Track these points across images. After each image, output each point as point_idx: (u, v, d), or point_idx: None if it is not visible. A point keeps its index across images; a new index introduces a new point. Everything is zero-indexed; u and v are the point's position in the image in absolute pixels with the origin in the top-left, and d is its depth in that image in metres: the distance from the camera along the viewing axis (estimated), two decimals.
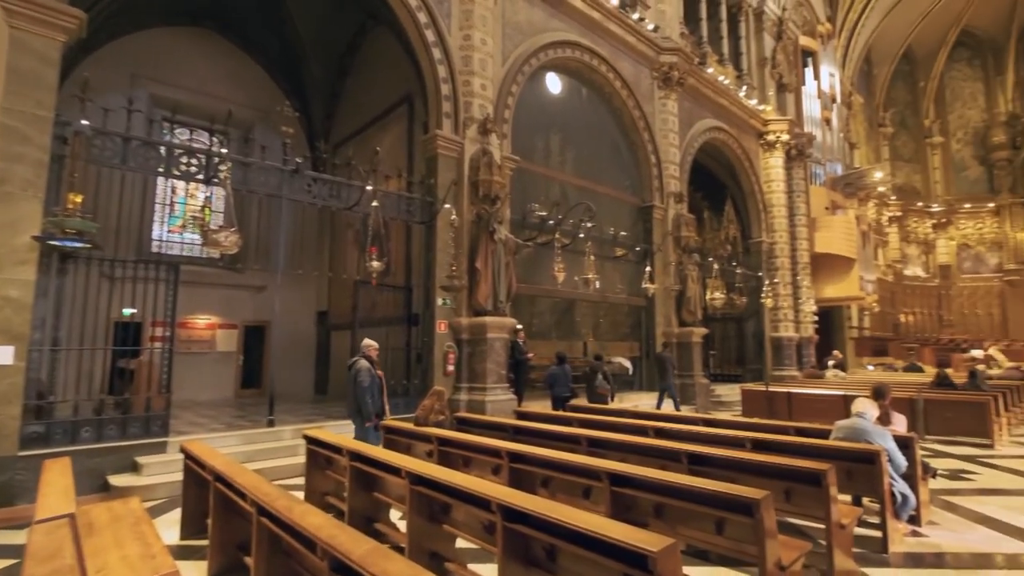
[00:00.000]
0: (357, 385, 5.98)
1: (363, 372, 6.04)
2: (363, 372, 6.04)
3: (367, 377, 6.05)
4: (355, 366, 6.15)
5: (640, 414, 7.83)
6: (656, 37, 13.77)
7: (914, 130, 29.46)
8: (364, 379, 6.02)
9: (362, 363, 6.12)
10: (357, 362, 6.17)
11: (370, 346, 6.34)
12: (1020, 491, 6.24)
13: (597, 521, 2.70)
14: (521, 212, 10.79)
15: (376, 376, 6.23)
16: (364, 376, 6.03)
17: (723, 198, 18.08)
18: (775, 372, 16.72)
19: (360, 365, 6.10)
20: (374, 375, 6.18)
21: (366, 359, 6.19)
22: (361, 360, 6.17)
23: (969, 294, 27.76)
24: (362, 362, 6.14)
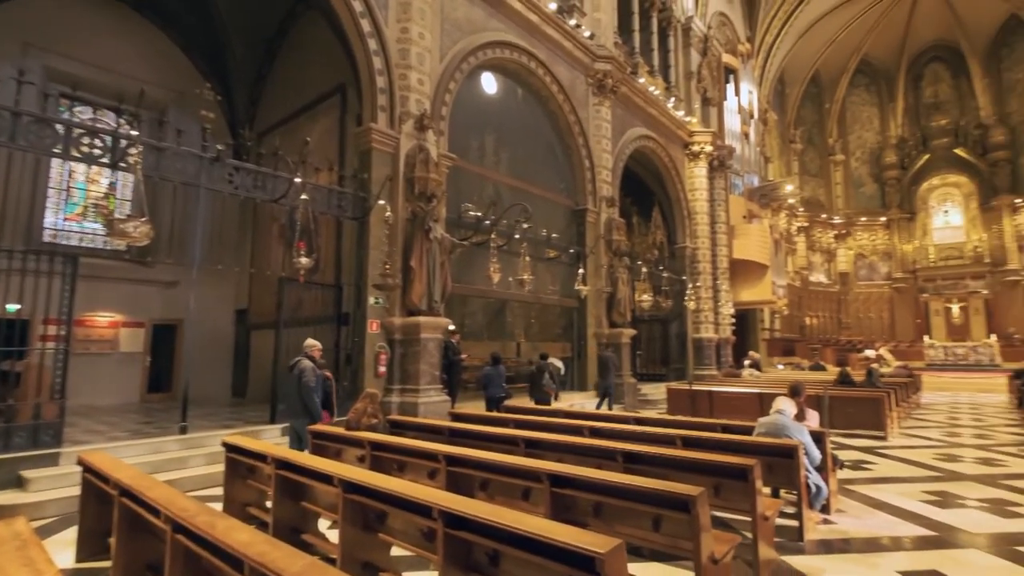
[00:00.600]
0: (303, 385, 5.85)
1: (308, 372, 5.93)
2: (308, 372, 5.93)
3: (313, 377, 5.94)
4: (299, 366, 6.00)
5: (575, 414, 7.94)
6: (592, 44, 14.07)
7: (820, 147, 32.00)
8: (311, 379, 5.91)
9: (306, 363, 6.00)
10: (300, 362, 6.03)
11: (313, 346, 6.21)
12: (911, 478, 6.87)
13: (541, 524, 2.67)
14: (456, 211, 10.67)
15: (321, 376, 6.13)
16: (310, 376, 5.92)
17: (651, 204, 18.78)
18: (697, 371, 17.55)
19: (304, 365, 5.98)
20: (319, 375, 6.06)
21: (309, 359, 6.06)
22: (304, 360, 6.03)
23: (864, 299, 30.50)
24: (306, 362, 6.01)
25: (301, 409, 5.93)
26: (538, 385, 9.73)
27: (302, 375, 5.91)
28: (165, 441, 6.90)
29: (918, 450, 8.64)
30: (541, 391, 9.71)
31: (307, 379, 5.90)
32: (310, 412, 5.89)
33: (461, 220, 10.72)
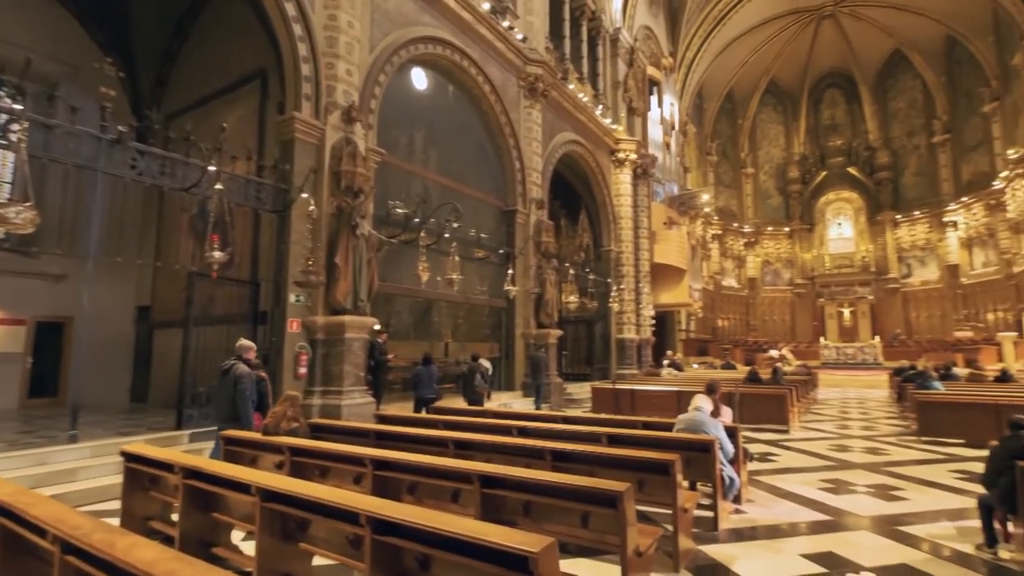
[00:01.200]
0: (239, 392, 5.61)
1: (245, 378, 5.69)
2: (245, 378, 5.69)
3: (250, 383, 5.72)
4: (233, 370, 5.73)
5: (504, 414, 7.95)
6: (524, 47, 14.21)
7: (733, 160, 34.17)
8: (247, 386, 5.68)
9: (242, 367, 5.75)
10: (236, 366, 5.75)
11: (248, 348, 5.98)
12: (809, 468, 7.45)
13: (473, 525, 2.63)
14: (384, 208, 10.40)
15: (260, 379, 5.93)
16: (247, 383, 5.69)
17: (579, 208, 19.25)
18: (619, 371, 18.17)
19: (241, 370, 5.72)
20: (255, 379, 5.84)
21: (244, 362, 5.82)
22: (240, 364, 5.78)
23: (769, 303, 32.89)
24: (242, 366, 5.76)
25: (232, 415, 5.67)
26: (471, 385, 9.75)
27: (239, 381, 5.65)
28: (51, 452, 6.20)
29: (815, 442, 9.39)
30: (474, 391, 9.73)
31: (244, 386, 5.65)
32: (240, 419, 5.61)
33: (389, 217, 10.46)
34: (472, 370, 9.85)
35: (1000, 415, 8.23)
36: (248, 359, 5.93)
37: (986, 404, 9.03)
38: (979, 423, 8.71)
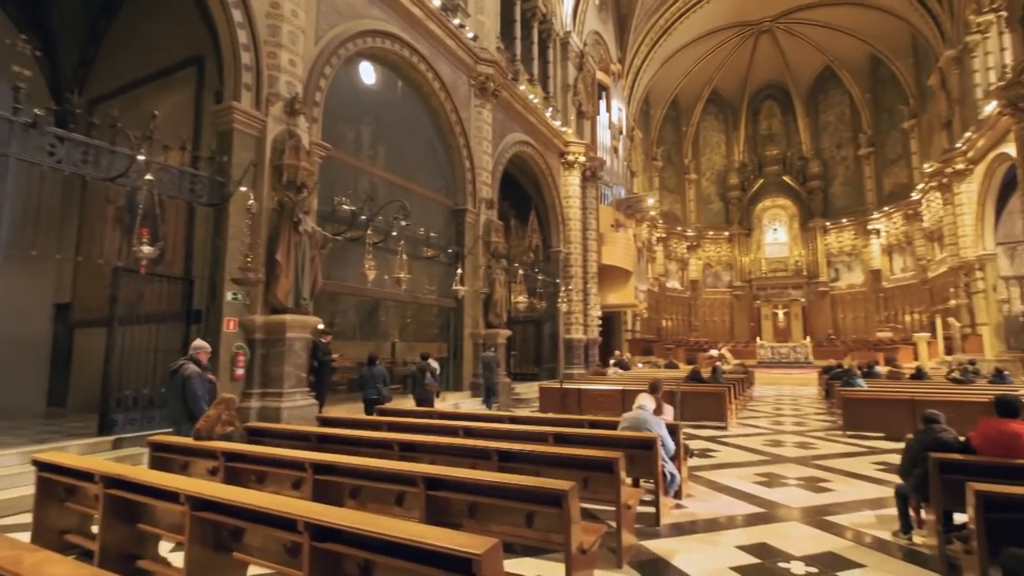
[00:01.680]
0: (189, 393, 5.52)
1: (195, 379, 5.59)
2: (195, 379, 5.59)
3: (200, 383, 5.61)
4: (182, 371, 5.64)
5: (451, 415, 7.88)
6: (475, 46, 14.16)
7: (677, 166, 35.32)
8: (197, 386, 5.56)
9: (191, 367, 5.66)
10: (185, 366, 5.66)
11: (201, 348, 5.91)
12: (746, 463, 7.77)
13: (416, 529, 2.58)
14: (329, 204, 10.11)
15: (208, 381, 5.84)
16: (196, 383, 5.58)
17: (528, 208, 19.36)
18: (567, 370, 18.40)
19: (191, 370, 5.63)
20: (206, 381, 5.75)
21: (195, 363, 5.72)
22: (190, 364, 5.68)
23: (710, 304, 34.19)
24: (191, 366, 5.66)
25: (183, 416, 5.56)
26: (421, 384, 9.66)
27: (187, 382, 5.53)
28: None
29: (751, 437, 9.81)
30: (424, 390, 9.63)
31: (193, 386, 5.52)
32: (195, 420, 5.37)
33: (334, 214, 10.18)
34: (422, 369, 9.75)
35: (915, 410, 8.86)
36: (199, 360, 5.81)
37: (903, 400, 9.69)
38: (897, 417, 9.35)
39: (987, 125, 18.28)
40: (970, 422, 5.26)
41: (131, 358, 7.42)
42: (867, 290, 30.44)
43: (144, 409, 7.33)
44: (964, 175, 20.82)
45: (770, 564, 4.20)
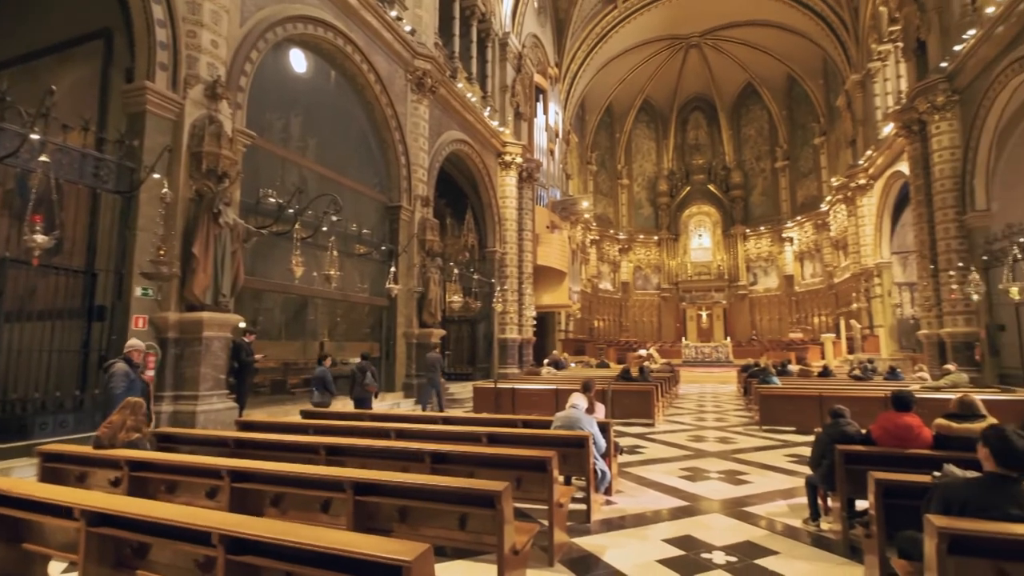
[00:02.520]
0: (109, 392, 5.35)
1: (118, 376, 5.38)
2: (118, 376, 5.38)
3: (122, 382, 5.38)
4: (110, 369, 5.48)
5: (381, 416, 7.67)
6: (413, 40, 13.89)
7: (611, 171, 36.32)
8: (118, 385, 5.34)
9: (120, 366, 5.47)
10: (114, 364, 5.50)
11: (134, 348, 5.76)
12: (671, 458, 8.07)
13: (342, 537, 2.46)
14: (254, 195, 9.58)
15: (140, 381, 5.72)
16: (119, 381, 5.36)
17: (464, 207, 19.24)
18: (501, 370, 18.44)
19: (115, 368, 5.44)
20: (134, 380, 5.56)
21: (126, 362, 5.56)
22: (119, 362, 5.50)
23: (640, 305, 35.40)
24: (120, 364, 5.48)
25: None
26: (361, 385, 9.44)
27: (110, 380, 5.38)
28: None
29: (677, 433, 10.22)
30: (363, 390, 9.42)
31: (114, 384, 5.34)
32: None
33: (259, 206, 9.65)
34: (362, 368, 9.56)
35: (823, 405, 9.54)
36: (131, 358, 5.66)
37: (812, 396, 10.42)
38: (807, 412, 10.04)
39: (885, 145, 20.03)
40: (870, 416, 5.70)
41: (22, 358, 6.69)
42: (781, 294, 32.58)
43: (36, 415, 6.61)
44: (865, 190, 22.73)
45: (694, 555, 4.36)
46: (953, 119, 14.82)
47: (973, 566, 2.46)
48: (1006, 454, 2.69)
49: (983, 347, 13.79)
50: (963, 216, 14.52)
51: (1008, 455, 2.68)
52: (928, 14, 15.43)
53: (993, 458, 2.73)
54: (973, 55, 13.49)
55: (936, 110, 15.03)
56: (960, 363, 13.15)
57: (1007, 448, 2.68)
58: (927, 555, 2.62)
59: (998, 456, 2.71)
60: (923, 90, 15.26)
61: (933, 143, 15.26)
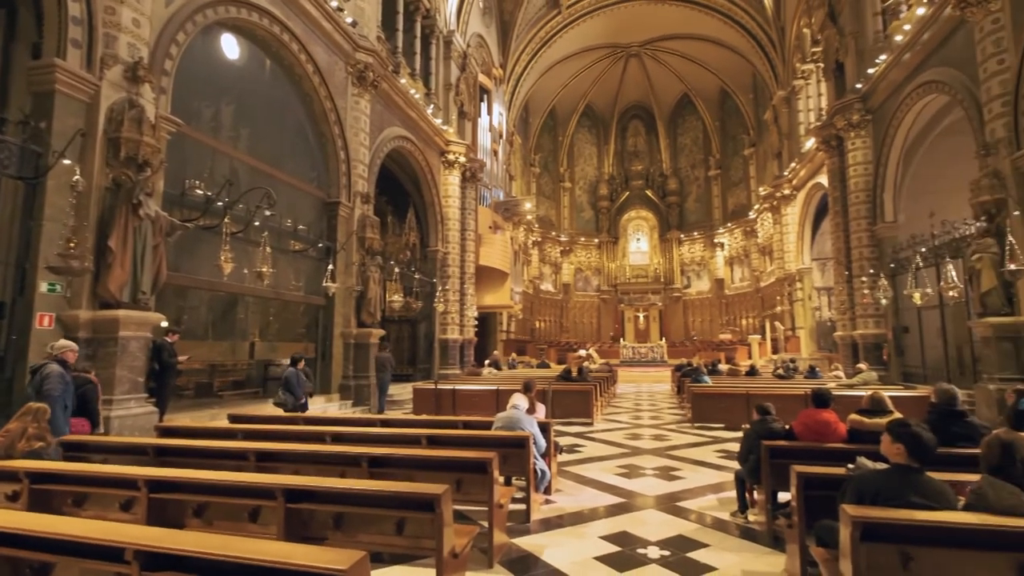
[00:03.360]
0: (45, 395, 5.00)
1: (53, 378, 5.11)
2: (53, 378, 5.11)
3: (59, 384, 5.12)
4: (43, 371, 5.18)
5: (316, 419, 7.39)
6: (354, 33, 13.51)
7: (553, 174, 36.81)
8: (55, 387, 5.06)
9: (53, 367, 5.19)
10: (46, 366, 5.21)
11: (67, 347, 5.47)
12: (609, 456, 8.24)
13: (273, 548, 2.34)
14: (179, 186, 9.03)
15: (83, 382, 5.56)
16: (55, 383, 5.08)
17: (406, 205, 18.94)
18: (442, 371, 18.28)
19: (50, 369, 5.16)
20: (70, 382, 5.30)
21: (59, 363, 5.28)
22: (52, 364, 5.22)
23: (580, 307, 36.08)
24: (53, 366, 5.20)
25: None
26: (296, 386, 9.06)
27: (44, 381, 5.07)
28: None
29: (614, 432, 10.46)
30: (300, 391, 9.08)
31: (50, 387, 5.03)
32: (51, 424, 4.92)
33: (185, 198, 9.11)
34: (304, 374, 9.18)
35: (749, 402, 10.04)
36: (65, 359, 5.36)
37: (740, 394, 10.94)
38: (735, 410, 10.54)
39: (807, 158, 21.39)
40: (792, 412, 6.04)
41: None
42: (712, 296, 34.11)
43: None
44: (790, 199, 24.18)
45: (629, 551, 4.47)
46: (866, 136, 16.02)
47: (882, 551, 2.64)
48: (917, 447, 2.90)
49: (890, 348, 14.98)
50: (874, 226, 15.72)
51: (918, 448, 2.91)
52: (846, 38, 16.61)
53: (906, 452, 2.94)
54: (884, 78, 14.63)
55: (852, 128, 16.20)
56: (871, 362, 14.23)
57: (918, 442, 2.90)
58: (842, 542, 2.79)
59: (911, 449, 2.92)
60: (841, 108, 16.41)
61: (849, 158, 16.44)
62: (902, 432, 2.97)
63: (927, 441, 2.90)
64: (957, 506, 2.77)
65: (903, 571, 2.61)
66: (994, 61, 10.09)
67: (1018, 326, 9.37)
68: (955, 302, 11.69)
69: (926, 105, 13.70)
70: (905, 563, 2.61)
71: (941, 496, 2.79)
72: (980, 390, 9.80)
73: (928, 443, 2.90)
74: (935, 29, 12.18)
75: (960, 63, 11.44)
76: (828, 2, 17.53)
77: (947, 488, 2.84)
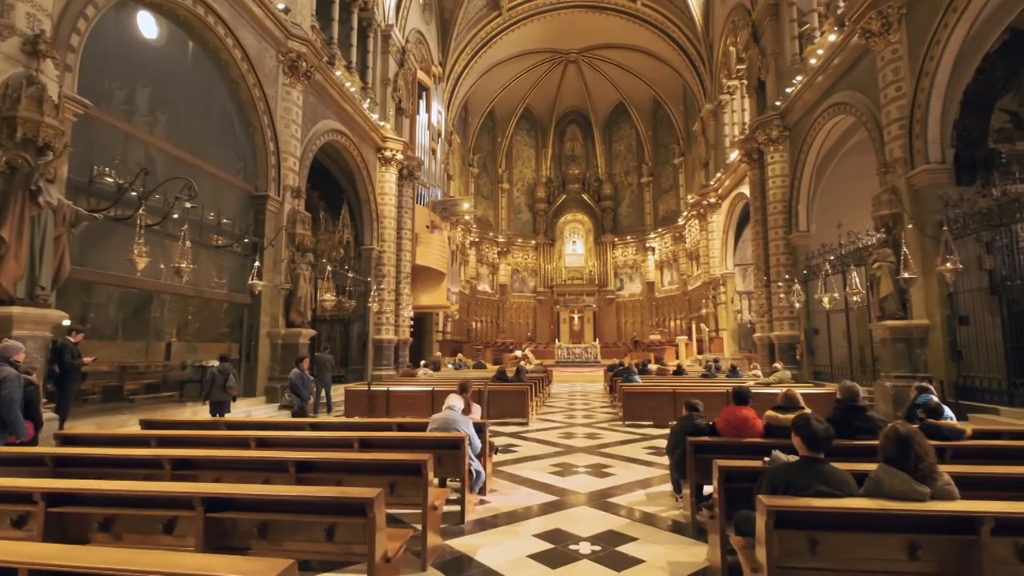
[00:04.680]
0: (5, 399, 5.07)
1: (12, 381, 5.14)
2: (12, 381, 5.14)
3: (17, 388, 5.18)
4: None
5: (239, 424, 7.02)
6: (286, 20, 12.97)
7: (492, 174, 36.89)
8: (15, 390, 5.12)
9: (9, 370, 5.18)
10: (2, 369, 5.15)
11: (18, 350, 5.42)
12: (543, 455, 8.35)
13: (190, 561, 2.20)
14: (86, 173, 8.32)
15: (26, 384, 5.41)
16: (14, 387, 5.13)
17: (340, 202, 18.38)
18: (376, 372, 17.87)
19: (7, 373, 5.15)
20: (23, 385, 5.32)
21: (12, 365, 5.25)
22: (6, 367, 5.19)
23: (516, 307, 36.35)
24: (8, 369, 5.18)
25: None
26: (222, 387, 8.66)
27: (2, 385, 5.07)
28: None
29: (548, 431, 10.61)
30: (225, 393, 8.66)
31: (8, 390, 5.07)
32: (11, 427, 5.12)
33: (94, 186, 8.41)
34: (222, 371, 8.74)
35: (676, 400, 10.49)
36: (16, 361, 5.31)
37: (667, 392, 11.40)
38: (664, 407, 10.96)
39: (731, 169, 22.63)
40: (715, 409, 6.37)
41: None
42: (644, 299, 35.34)
43: None
44: (715, 208, 25.48)
45: (562, 548, 4.55)
46: (784, 151, 17.15)
47: (792, 537, 2.84)
48: (811, 439, 3.20)
49: (802, 348, 16.10)
50: (789, 235, 16.85)
51: (813, 439, 3.20)
52: (767, 58, 17.71)
53: (803, 443, 3.22)
54: (800, 98, 15.72)
55: (771, 142, 17.29)
56: (785, 362, 15.24)
57: (811, 434, 3.21)
58: (758, 530, 2.97)
59: (807, 441, 3.21)
60: (761, 124, 17.48)
61: (769, 171, 17.53)
62: (799, 426, 3.28)
63: (819, 433, 3.20)
64: (858, 493, 3.01)
65: (811, 555, 2.82)
66: (893, 88, 11.08)
67: (910, 329, 10.33)
68: (858, 306, 12.74)
69: (836, 124, 14.84)
70: (812, 548, 2.81)
71: (844, 484, 3.04)
72: (878, 387, 10.73)
73: (819, 434, 3.20)
74: (844, 55, 13.22)
75: (865, 87, 12.48)
76: (752, 23, 18.62)
77: (849, 477, 3.10)
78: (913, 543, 2.73)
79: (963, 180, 10.38)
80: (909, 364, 10.28)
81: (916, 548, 2.73)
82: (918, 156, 10.58)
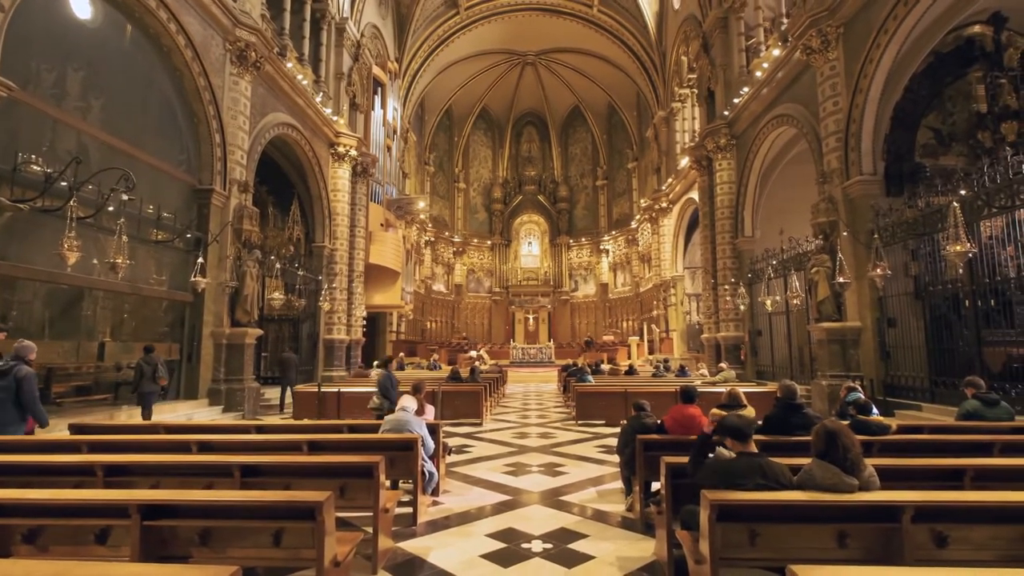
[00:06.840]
0: (27, 394, 5.36)
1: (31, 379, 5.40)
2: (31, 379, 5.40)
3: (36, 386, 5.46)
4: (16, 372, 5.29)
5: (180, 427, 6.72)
6: (234, 7, 12.49)
7: (448, 174, 36.66)
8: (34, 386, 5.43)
9: (27, 369, 5.39)
10: (18, 368, 5.32)
11: (31, 349, 5.58)
12: (497, 455, 8.38)
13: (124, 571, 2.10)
14: (9, 161, 7.76)
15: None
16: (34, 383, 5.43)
17: (291, 197, 17.87)
18: (326, 372, 17.44)
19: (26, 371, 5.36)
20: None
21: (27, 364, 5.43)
22: (23, 366, 5.36)
23: (472, 308, 36.25)
24: (26, 368, 5.38)
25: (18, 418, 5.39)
26: (152, 379, 8.31)
27: (23, 383, 5.30)
28: None
29: (502, 431, 10.65)
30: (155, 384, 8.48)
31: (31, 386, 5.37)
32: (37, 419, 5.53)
33: (19, 175, 7.85)
34: (151, 362, 8.40)
35: (628, 400, 10.73)
36: (30, 361, 5.51)
37: (619, 392, 11.65)
38: (615, 407, 11.19)
39: (682, 175, 23.32)
40: (665, 408, 6.55)
41: None
42: (597, 300, 35.94)
43: None
44: (666, 212, 26.20)
45: (515, 547, 4.58)
46: (731, 159, 17.82)
47: (734, 530, 2.97)
48: (735, 433, 3.45)
49: (747, 348, 16.77)
50: (736, 240, 17.53)
51: (737, 432, 3.44)
52: (717, 69, 18.36)
53: (733, 440, 3.43)
54: (746, 108, 16.37)
55: (720, 150, 17.94)
56: (731, 362, 15.84)
57: (733, 429, 3.45)
58: (701, 524, 3.09)
59: (734, 436, 3.43)
60: (711, 132, 18.11)
61: (717, 177, 18.18)
62: (722, 430, 3.54)
63: (738, 426, 3.45)
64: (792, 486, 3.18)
65: (751, 547, 2.95)
66: (831, 102, 11.71)
67: (845, 330, 10.94)
68: (798, 309, 13.38)
69: (779, 135, 15.55)
70: (752, 539, 2.95)
71: (781, 476, 3.21)
72: (815, 386, 11.31)
73: (739, 427, 3.44)
74: (787, 70, 13.87)
75: (806, 101, 13.14)
76: (703, 35, 19.26)
77: (785, 469, 3.26)
78: (842, 532, 2.91)
79: (892, 191, 11.10)
80: (843, 364, 10.89)
81: (845, 537, 2.90)
82: (853, 167, 11.23)
